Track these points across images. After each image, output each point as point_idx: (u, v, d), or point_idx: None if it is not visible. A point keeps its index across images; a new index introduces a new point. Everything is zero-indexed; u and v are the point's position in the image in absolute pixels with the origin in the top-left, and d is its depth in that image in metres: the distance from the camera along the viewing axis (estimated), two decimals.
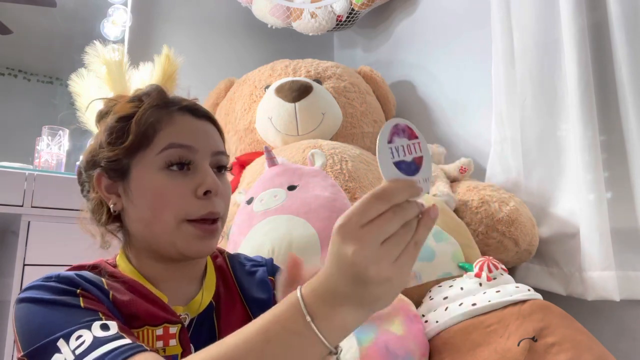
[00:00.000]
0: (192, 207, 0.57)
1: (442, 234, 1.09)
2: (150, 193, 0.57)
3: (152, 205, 0.57)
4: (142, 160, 0.59)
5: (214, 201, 0.59)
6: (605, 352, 0.82)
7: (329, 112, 1.64)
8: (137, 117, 0.59)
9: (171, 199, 0.57)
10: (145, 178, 0.58)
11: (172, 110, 0.61)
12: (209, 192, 0.58)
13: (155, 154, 0.58)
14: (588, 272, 1.24)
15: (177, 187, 0.57)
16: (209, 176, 0.58)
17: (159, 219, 0.57)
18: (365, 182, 1.37)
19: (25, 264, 1.16)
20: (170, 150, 0.58)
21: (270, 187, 1.11)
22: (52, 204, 1.21)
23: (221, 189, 0.60)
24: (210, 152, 0.61)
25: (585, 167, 1.26)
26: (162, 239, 0.58)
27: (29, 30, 1.77)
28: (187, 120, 0.61)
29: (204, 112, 0.64)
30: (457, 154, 1.69)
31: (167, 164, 0.58)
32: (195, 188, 0.58)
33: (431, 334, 0.91)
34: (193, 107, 0.63)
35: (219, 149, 0.63)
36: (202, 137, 0.61)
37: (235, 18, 2.24)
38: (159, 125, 0.59)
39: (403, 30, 2.11)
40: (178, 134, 0.59)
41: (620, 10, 1.26)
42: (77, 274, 0.55)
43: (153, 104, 0.61)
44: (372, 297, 0.40)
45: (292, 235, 0.97)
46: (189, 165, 0.59)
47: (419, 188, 0.41)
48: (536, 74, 1.43)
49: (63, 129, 1.56)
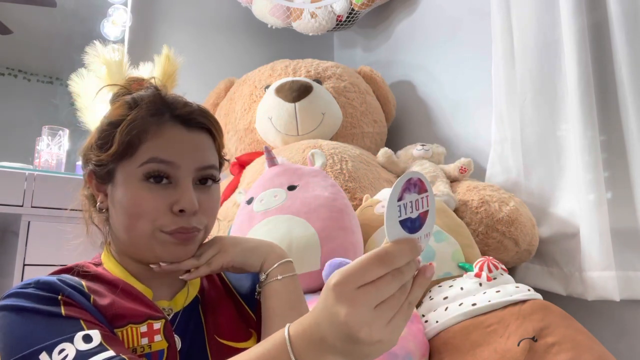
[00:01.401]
0: (166, 220, 0.57)
1: (442, 234, 1.09)
2: (128, 202, 0.58)
3: (128, 213, 0.58)
4: (125, 168, 0.59)
5: (190, 219, 0.58)
6: (605, 352, 0.82)
7: (329, 112, 1.64)
8: (122, 127, 0.58)
9: (146, 210, 0.57)
10: (126, 187, 0.58)
11: (163, 120, 0.60)
12: (183, 210, 0.58)
13: (137, 166, 0.58)
14: (588, 272, 1.24)
15: (154, 200, 0.57)
16: (186, 195, 0.57)
17: (135, 226, 0.58)
18: (365, 182, 1.37)
19: (25, 264, 1.16)
20: (150, 165, 0.57)
21: (270, 187, 1.11)
22: (52, 204, 1.21)
23: (203, 205, 0.60)
24: (195, 168, 0.60)
25: (585, 167, 1.26)
26: (140, 245, 0.59)
27: (29, 30, 1.77)
28: (175, 133, 0.60)
29: (199, 122, 0.62)
30: (457, 154, 1.69)
31: (145, 176, 0.57)
32: (171, 204, 0.57)
33: (431, 334, 0.91)
34: (186, 116, 0.61)
35: (207, 164, 0.61)
36: (188, 152, 0.60)
37: (235, 18, 2.24)
38: (144, 136, 0.58)
39: (403, 30, 2.11)
40: (162, 148, 0.58)
41: (620, 10, 1.25)
42: (59, 278, 0.55)
43: (142, 113, 0.59)
44: (361, 354, 0.40)
45: (292, 235, 0.97)
46: (169, 179, 0.58)
47: (420, 247, 0.41)
48: (536, 74, 1.43)
49: (63, 129, 1.56)
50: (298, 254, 0.95)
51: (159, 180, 0.58)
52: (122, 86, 0.67)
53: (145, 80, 0.68)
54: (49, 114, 1.75)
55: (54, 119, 1.67)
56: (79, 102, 1.70)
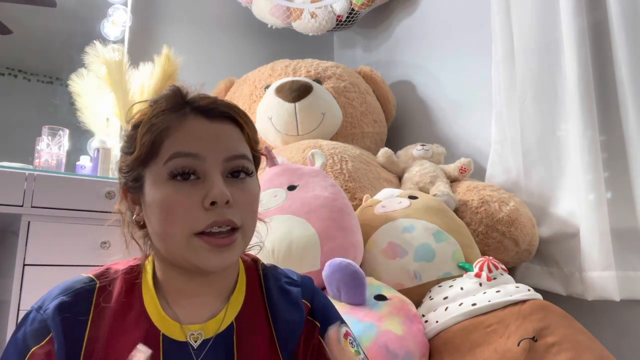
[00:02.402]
0: (199, 217, 0.53)
1: (442, 234, 1.09)
2: (158, 207, 0.54)
3: (160, 219, 0.55)
4: (152, 171, 0.56)
5: (223, 212, 0.54)
6: (605, 352, 0.82)
7: (329, 112, 1.64)
8: (142, 127, 0.56)
9: (178, 213, 0.53)
10: (155, 189, 0.55)
11: (184, 114, 0.57)
12: (214, 202, 0.54)
13: (162, 164, 0.54)
14: (588, 272, 1.24)
15: (184, 200, 0.53)
16: (215, 186, 0.54)
17: (169, 234, 0.55)
18: (365, 182, 1.37)
19: (25, 264, 1.16)
20: (175, 160, 0.54)
21: (270, 187, 1.11)
22: (52, 204, 1.21)
23: (238, 200, 0.55)
24: (222, 159, 0.56)
25: (585, 167, 1.26)
26: (176, 254, 0.56)
27: (29, 30, 1.77)
28: (197, 125, 0.56)
29: (222, 111, 0.58)
30: (457, 154, 1.69)
31: (172, 174, 0.54)
32: (202, 199, 0.54)
33: (431, 334, 0.91)
34: (208, 107, 0.58)
35: (235, 153, 0.57)
36: (212, 142, 0.56)
37: (235, 18, 2.24)
38: (166, 132, 0.55)
39: (403, 30, 2.11)
40: (184, 141, 0.55)
41: (620, 10, 1.26)
42: (65, 302, 0.55)
43: (161, 109, 0.57)
44: None
45: (292, 235, 0.97)
46: (197, 174, 0.55)
47: None
48: (536, 74, 1.43)
49: (63, 129, 1.56)
50: (298, 254, 0.96)
51: (186, 177, 0.54)
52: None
53: None
54: (49, 114, 1.75)
55: (54, 119, 1.67)
56: (79, 102, 1.70)
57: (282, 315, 0.62)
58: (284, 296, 0.64)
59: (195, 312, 0.59)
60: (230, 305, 0.60)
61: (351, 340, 0.63)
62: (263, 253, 0.95)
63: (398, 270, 1.04)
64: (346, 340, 0.62)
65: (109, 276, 0.59)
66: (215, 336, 0.58)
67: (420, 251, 1.05)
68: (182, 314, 0.58)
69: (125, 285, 0.59)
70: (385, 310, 0.89)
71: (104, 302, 0.57)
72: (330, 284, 0.91)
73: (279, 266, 0.69)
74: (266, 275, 0.66)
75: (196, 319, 0.58)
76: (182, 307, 0.58)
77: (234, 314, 0.60)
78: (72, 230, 1.21)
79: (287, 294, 0.64)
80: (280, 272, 0.67)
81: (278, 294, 0.64)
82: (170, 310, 0.58)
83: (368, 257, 1.08)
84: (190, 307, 0.59)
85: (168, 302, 0.59)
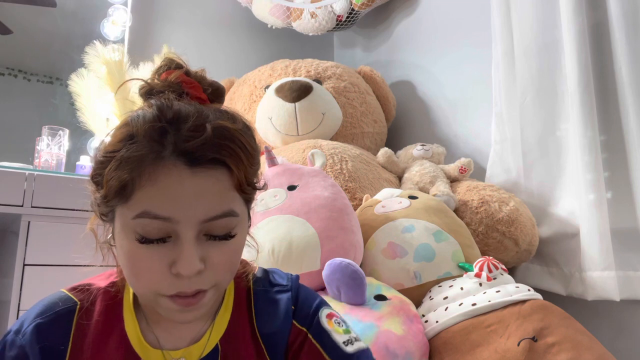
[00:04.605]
0: (164, 284, 0.48)
1: (442, 234, 1.09)
2: (126, 259, 0.49)
3: (126, 272, 0.50)
4: (121, 214, 0.49)
5: (192, 281, 0.48)
6: (605, 352, 0.82)
7: (329, 112, 1.64)
8: (110, 166, 0.47)
9: (143, 273, 0.48)
10: (122, 238, 0.49)
11: (162, 156, 0.47)
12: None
13: (130, 217, 0.47)
14: (588, 272, 1.24)
15: (150, 262, 0.48)
16: (184, 256, 0.47)
17: (135, 286, 0.51)
18: (365, 182, 1.37)
19: (25, 264, 1.16)
20: (144, 220, 0.46)
21: (270, 187, 1.11)
22: (52, 204, 1.21)
23: (214, 261, 0.49)
24: (199, 221, 0.47)
25: (585, 167, 1.26)
26: (145, 302, 0.54)
27: (29, 30, 1.77)
28: (174, 179, 0.46)
29: (210, 159, 0.48)
30: (457, 154, 1.69)
31: (140, 236, 0.47)
32: (170, 264, 0.48)
33: (431, 334, 0.91)
34: (193, 151, 0.47)
35: (215, 214, 0.48)
36: (190, 202, 0.47)
37: (235, 18, 2.24)
38: (138, 179, 0.46)
39: (403, 30, 2.11)
40: (156, 199, 0.46)
41: (620, 10, 1.26)
42: (43, 325, 0.52)
43: (136, 148, 0.47)
44: None
45: (292, 235, 0.97)
46: (169, 234, 0.48)
47: None
48: (536, 74, 1.43)
49: (63, 129, 1.56)
50: (298, 254, 0.95)
51: (154, 241, 0.48)
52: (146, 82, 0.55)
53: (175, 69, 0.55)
54: (49, 114, 1.75)
55: (54, 119, 1.68)
56: (79, 102, 1.70)
57: (269, 329, 0.58)
58: (273, 308, 0.60)
59: (178, 335, 0.56)
60: (215, 325, 0.57)
61: (338, 321, 0.60)
62: (263, 253, 0.95)
63: (398, 270, 1.04)
64: (331, 320, 0.60)
65: (90, 294, 0.56)
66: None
67: (420, 251, 1.05)
68: (164, 338, 0.55)
69: (106, 305, 0.56)
70: (385, 310, 0.89)
71: (84, 325, 0.54)
72: (330, 284, 0.91)
73: (270, 269, 0.65)
74: (256, 288, 0.61)
75: (178, 343, 0.55)
76: (164, 330, 0.56)
77: (219, 335, 0.57)
78: (72, 230, 1.21)
79: (275, 305, 0.60)
80: (270, 281, 0.62)
81: (267, 307, 0.60)
82: (151, 334, 0.55)
83: (368, 257, 1.08)
84: (172, 329, 0.55)
85: (149, 324, 0.56)
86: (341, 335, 0.58)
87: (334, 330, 0.58)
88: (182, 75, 0.54)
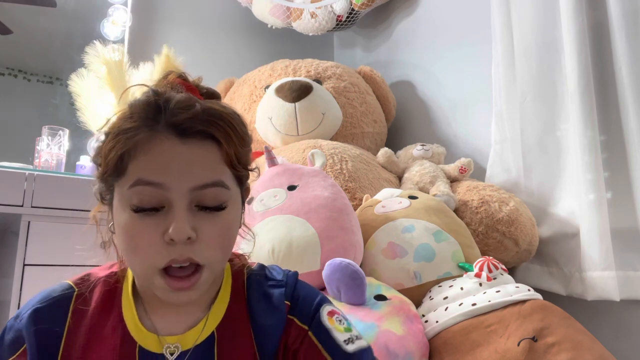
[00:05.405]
0: (159, 254, 0.50)
1: (442, 234, 1.09)
2: (122, 233, 0.51)
3: (124, 247, 0.52)
4: (119, 188, 0.52)
5: (183, 249, 0.50)
6: (605, 352, 0.82)
7: (329, 112, 1.64)
8: (108, 141, 0.52)
9: (139, 245, 0.50)
10: (120, 212, 0.51)
11: (155, 130, 0.51)
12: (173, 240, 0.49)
13: (126, 188, 0.50)
14: (588, 272, 1.24)
15: (145, 232, 0.50)
16: (176, 222, 0.49)
17: (133, 263, 0.53)
18: (365, 182, 1.37)
19: (25, 264, 1.16)
20: (138, 188, 0.49)
21: (270, 187, 1.11)
22: (52, 204, 1.21)
23: (205, 234, 0.51)
24: (189, 188, 0.50)
25: (585, 167, 1.26)
26: (142, 282, 0.55)
27: (29, 30, 1.77)
28: (166, 148, 0.50)
29: (199, 130, 0.52)
30: (457, 154, 1.69)
31: (136, 204, 0.50)
32: (164, 231, 0.49)
33: (431, 334, 0.91)
34: (183, 123, 0.51)
35: (205, 182, 0.51)
36: (181, 170, 0.50)
37: (235, 18, 2.24)
38: (133, 152, 0.50)
39: (403, 30, 2.11)
40: (149, 167, 0.50)
41: (620, 10, 1.26)
42: (40, 311, 0.54)
43: (131, 124, 0.51)
44: None
45: (292, 236, 0.97)
46: (162, 204, 0.50)
47: None
48: (536, 74, 1.43)
49: (63, 129, 1.56)
50: (298, 254, 0.95)
51: (149, 209, 0.50)
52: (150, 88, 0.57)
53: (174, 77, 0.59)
54: (49, 114, 1.75)
55: (54, 119, 1.68)
56: (79, 102, 1.70)
57: (261, 321, 0.59)
58: (266, 301, 0.60)
59: (174, 322, 0.56)
60: (212, 314, 0.58)
61: (339, 318, 0.60)
62: (263, 253, 0.95)
63: (398, 270, 1.04)
64: (332, 318, 0.59)
65: (88, 282, 0.58)
66: (193, 348, 0.55)
67: (420, 251, 1.05)
68: (160, 324, 0.56)
69: (104, 292, 0.57)
70: (385, 310, 0.89)
71: (81, 310, 0.56)
72: (330, 284, 0.91)
73: (269, 265, 0.66)
74: (250, 280, 0.62)
75: (174, 330, 0.56)
76: (161, 317, 0.56)
77: (215, 323, 0.57)
78: (72, 230, 1.21)
79: (268, 299, 0.60)
80: (265, 275, 0.63)
81: (260, 300, 0.60)
82: (148, 320, 0.56)
83: (368, 257, 1.08)
84: (169, 316, 0.56)
85: (147, 311, 0.57)
86: (342, 333, 0.58)
87: (334, 329, 0.58)
88: (180, 80, 0.59)
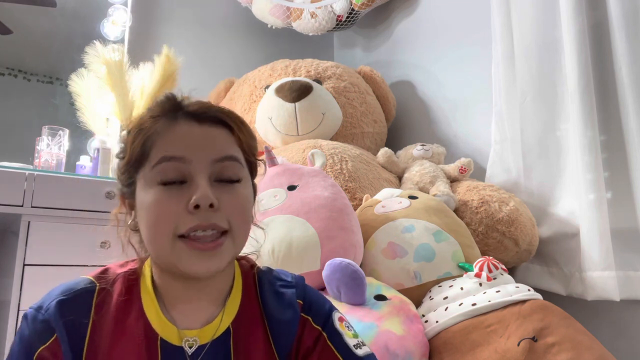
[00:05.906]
0: (182, 221, 0.53)
1: (442, 234, 1.09)
2: (146, 209, 0.55)
3: (147, 222, 0.55)
4: (142, 175, 0.56)
5: (207, 215, 0.54)
6: (605, 352, 0.82)
7: (329, 112, 1.64)
8: (132, 131, 0.57)
9: (163, 215, 0.54)
10: (144, 194, 0.56)
11: (174, 118, 0.57)
12: (198, 206, 0.53)
13: (150, 169, 0.55)
14: (588, 272, 1.24)
15: (169, 203, 0.54)
16: (199, 189, 0.53)
17: (155, 237, 0.55)
18: (365, 182, 1.37)
19: (25, 264, 1.16)
20: (163, 165, 0.55)
21: (270, 187, 1.11)
22: (52, 204, 1.21)
23: (225, 203, 0.55)
24: (209, 161, 0.56)
25: (585, 167, 1.26)
26: (163, 259, 0.56)
27: (29, 30, 1.77)
28: (186, 128, 0.57)
29: (213, 115, 0.58)
30: (457, 154, 1.69)
31: (159, 181, 0.54)
32: (187, 202, 0.54)
33: (431, 334, 0.91)
34: (199, 111, 0.58)
35: (223, 155, 0.57)
36: (200, 144, 0.56)
37: (235, 18, 2.24)
38: (156, 137, 0.56)
39: (403, 30, 2.11)
40: (171, 144, 0.55)
41: (620, 10, 1.26)
42: (65, 302, 0.55)
43: (153, 115, 0.58)
44: None
45: (292, 235, 0.97)
46: (184, 178, 0.55)
47: None
48: (536, 74, 1.43)
49: (63, 129, 1.56)
50: (298, 254, 0.95)
51: (173, 182, 0.55)
52: None
53: None
54: (49, 114, 1.75)
55: (54, 119, 1.67)
56: (79, 102, 1.70)
57: (276, 316, 0.62)
58: (278, 299, 0.63)
59: (192, 318, 0.59)
60: (226, 310, 0.60)
61: (347, 325, 0.64)
62: (263, 253, 0.95)
63: (398, 270, 1.04)
64: (342, 324, 0.63)
65: (108, 278, 0.59)
66: (211, 342, 0.58)
67: (420, 251, 1.05)
68: (179, 319, 0.58)
69: (124, 287, 0.59)
70: (385, 310, 0.89)
71: (104, 303, 0.57)
72: (330, 284, 0.91)
73: (274, 268, 0.69)
74: (261, 279, 0.65)
75: (193, 324, 0.58)
76: (179, 312, 0.59)
77: (230, 319, 0.60)
78: (72, 230, 1.21)
79: (280, 297, 0.63)
80: (275, 276, 0.67)
81: (272, 296, 0.63)
82: (168, 315, 0.58)
83: (368, 257, 1.08)
84: (187, 312, 0.59)
85: (166, 306, 0.59)
86: (351, 339, 0.62)
87: (345, 334, 0.62)
88: None
